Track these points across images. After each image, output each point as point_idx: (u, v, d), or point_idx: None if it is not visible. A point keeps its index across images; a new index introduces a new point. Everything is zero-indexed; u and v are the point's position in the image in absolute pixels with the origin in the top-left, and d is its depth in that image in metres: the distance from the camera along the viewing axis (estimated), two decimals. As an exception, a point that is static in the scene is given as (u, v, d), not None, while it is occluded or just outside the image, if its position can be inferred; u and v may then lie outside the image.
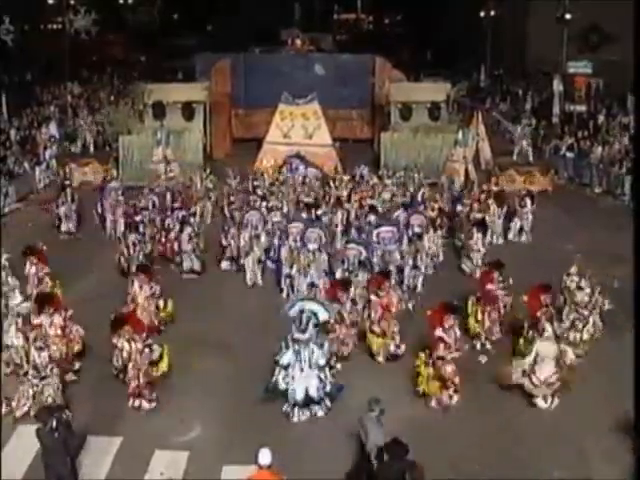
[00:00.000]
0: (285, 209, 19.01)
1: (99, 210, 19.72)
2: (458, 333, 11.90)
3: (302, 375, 11.41)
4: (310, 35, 36.38)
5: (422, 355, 11.73)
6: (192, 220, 17.63)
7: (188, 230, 16.97)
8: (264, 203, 18.91)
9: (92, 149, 26.05)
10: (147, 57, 52.61)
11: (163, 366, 11.87)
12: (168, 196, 19.64)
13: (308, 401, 11.46)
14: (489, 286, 13.71)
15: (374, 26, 69.34)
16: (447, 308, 11.98)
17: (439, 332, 11.60)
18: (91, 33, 43.34)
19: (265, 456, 8.51)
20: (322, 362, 11.54)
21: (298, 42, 33.37)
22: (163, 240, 17.56)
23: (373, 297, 13.32)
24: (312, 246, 15.48)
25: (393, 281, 14.59)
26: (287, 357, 11.46)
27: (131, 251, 16.55)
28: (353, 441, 10.62)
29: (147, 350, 11.53)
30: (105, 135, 27.84)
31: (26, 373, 11.37)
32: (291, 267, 15.64)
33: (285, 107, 25.06)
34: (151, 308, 13.67)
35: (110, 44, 54.87)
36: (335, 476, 9.86)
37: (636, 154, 22.84)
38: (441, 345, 11.47)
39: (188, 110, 25.55)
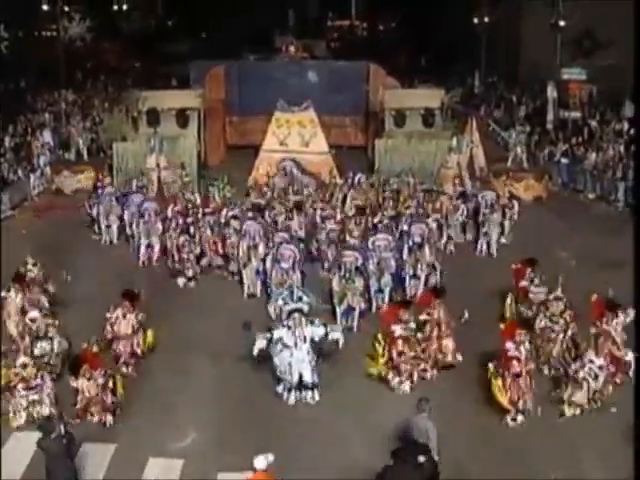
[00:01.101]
0: (338, 217, 18.61)
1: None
2: (528, 346, 11.74)
3: (296, 355, 11.73)
4: (303, 42, 36.34)
5: (491, 366, 11.60)
6: (233, 222, 17.51)
7: (230, 231, 17.16)
8: (318, 212, 18.76)
9: (86, 156, 26.04)
10: (141, 64, 52.50)
11: (119, 389, 11.76)
12: (199, 201, 19.57)
13: (302, 386, 11.76)
14: (522, 283, 14.09)
15: (368, 33, 69.26)
16: (522, 324, 12.13)
17: (512, 350, 11.41)
18: (85, 40, 43.49)
19: (261, 460, 8.60)
20: (321, 331, 11.99)
21: (292, 49, 33.29)
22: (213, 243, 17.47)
23: (425, 316, 13.02)
24: (285, 265, 15.37)
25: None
26: (278, 332, 11.95)
27: (182, 253, 16.68)
28: (351, 443, 10.63)
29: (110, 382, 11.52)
30: (99, 142, 27.85)
31: (15, 386, 11.36)
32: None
33: (281, 115, 24.95)
34: (134, 340, 13.08)
35: (104, 51, 54.70)
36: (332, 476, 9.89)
37: (636, 160, 22.90)
38: (514, 362, 11.32)
39: (182, 117, 25.48)
